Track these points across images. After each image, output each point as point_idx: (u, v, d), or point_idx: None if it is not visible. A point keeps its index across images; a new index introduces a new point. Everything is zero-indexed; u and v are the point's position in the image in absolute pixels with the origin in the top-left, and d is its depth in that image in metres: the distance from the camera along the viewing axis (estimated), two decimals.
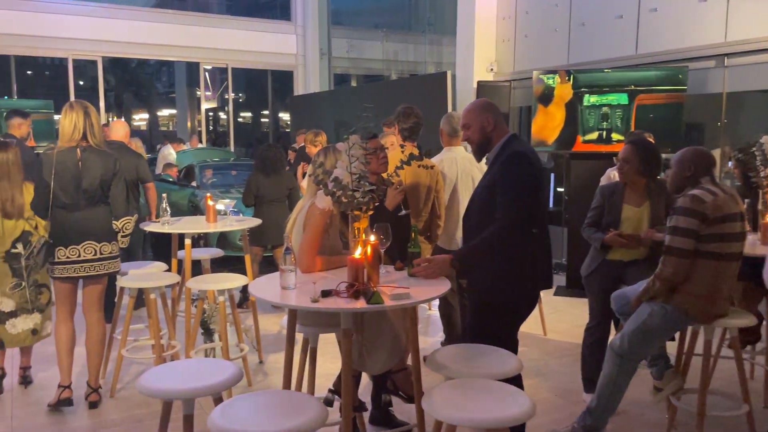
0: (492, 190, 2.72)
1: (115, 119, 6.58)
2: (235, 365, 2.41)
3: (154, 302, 3.89)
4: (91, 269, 3.59)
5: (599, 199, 3.72)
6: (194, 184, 8.67)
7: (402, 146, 3.02)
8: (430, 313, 5.65)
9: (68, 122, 3.52)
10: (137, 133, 20.18)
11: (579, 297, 5.86)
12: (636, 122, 6.04)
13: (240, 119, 15.44)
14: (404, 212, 2.79)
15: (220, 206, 4.45)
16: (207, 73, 14.06)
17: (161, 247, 5.77)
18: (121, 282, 3.89)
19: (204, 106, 14.67)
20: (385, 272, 2.76)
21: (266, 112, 17.97)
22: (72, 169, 3.49)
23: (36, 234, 3.74)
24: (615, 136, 6.14)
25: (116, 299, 4.19)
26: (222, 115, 17.08)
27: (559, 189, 8.17)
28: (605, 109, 6.19)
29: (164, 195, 4.36)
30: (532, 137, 6.48)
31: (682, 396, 3.35)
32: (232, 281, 3.92)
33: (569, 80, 6.29)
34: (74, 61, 12.05)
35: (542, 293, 4.13)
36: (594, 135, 6.26)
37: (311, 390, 2.97)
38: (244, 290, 5.41)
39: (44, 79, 17.20)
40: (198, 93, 15.08)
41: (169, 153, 11.20)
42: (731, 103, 6.25)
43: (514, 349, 2.85)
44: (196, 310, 4.02)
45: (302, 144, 9.79)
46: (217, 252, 4.77)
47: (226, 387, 2.30)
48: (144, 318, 4.86)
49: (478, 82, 8.09)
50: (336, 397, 3.00)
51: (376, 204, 2.57)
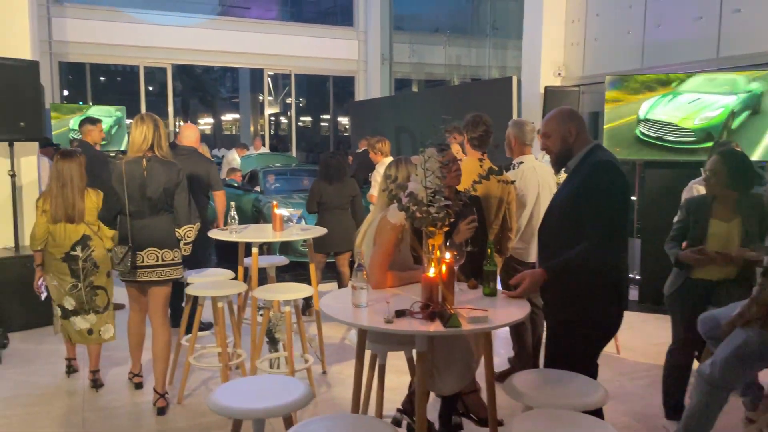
0: (575, 203, 2.57)
1: (186, 123, 6.67)
2: (306, 385, 2.35)
3: (222, 311, 3.90)
4: (153, 275, 3.69)
5: (683, 213, 3.50)
6: (258, 189, 8.78)
7: (481, 159, 2.90)
8: None
9: (138, 134, 3.65)
10: (203, 139, 20.76)
11: (653, 313, 5.58)
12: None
13: (300, 123, 15.64)
14: (470, 249, 2.66)
15: (284, 212, 4.44)
16: (269, 79, 14.27)
17: (225, 253, 5.82)
18: (190, 290, 3.92)
19: (267, 111, 14.90)
20: (458, 290, 2.64)
21: (326, 117, 18.13)
22: (138, 179, 3.63)
23: (95, 238, 3.93)
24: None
25: (183, 304, 4.24)
26: (283, 120, 17.34)
27: (632, 198, 7.85)
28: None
29: (232, 203, 4.37)
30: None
31: None
32: (298, 291, 3.89)
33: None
34: (144, 68, 12.45)
35: None
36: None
37: (380, 409, 2.89)
38: (307, 297, 5.39)
39: (116, 85, 17.92)
40: (261, 98, 15.34)
41: (234, 158, 11.41)
42: None
43: (594, 375, 2.68)
44: (262, 319, 4.01)
45: (363, 149, 9.82)
46: (282, 260, 4.77)
47: (297, 408, 2.25)
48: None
49: (546, 88, 7.85)
50: (404, 417, 2.92)
51: (452, 220, 2.47)
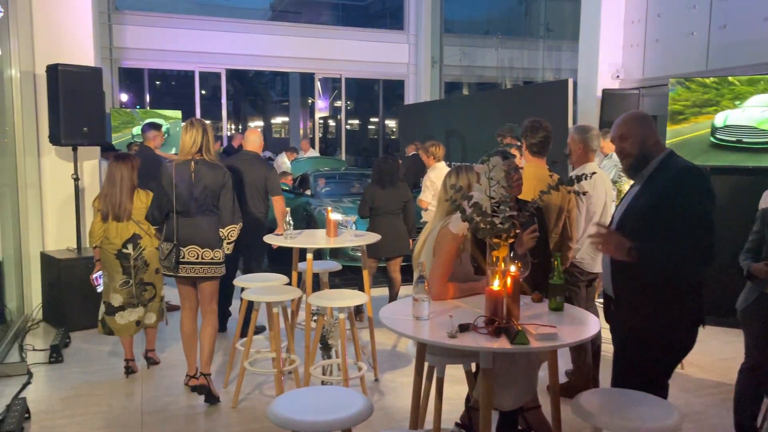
0: (659, 211, 2.43)
1: (250, 128, 6.77)
2: (365, 398, 2.30)
3: (277, 316, 3.91)
4: (192, 271, 3.86)
5: (760, 224, 3.31)
6: (308, 193, 8.83)
7: (550, 170, 2.79)
8: None
9: (188, 138, 3.84)
10: None
11: (719, 326, 5.32)
12: None
13: (347, 126, 15.71)
14: (533, 261, 2.56)
15: (339, 217, 4.43)
16: (319, 82, 14.38)
17: (278, 256, 5.85)
18: (246, 295, 3.94)
19: (318, 115, 15.02)
20: (523, 304, 2.55)
21: (374, 120, 18.15)
22: (186, 180, 3.83)
23: (146, 237, 4.23)
24: None
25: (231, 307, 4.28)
26: (331, 123, 17.45)
27: None
28: None
29: (288, 209, 4.39)
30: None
31: None
32: (352, 298, 3.86)
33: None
34: (199, 72, 12.73)
35: None
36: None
37: (437, 423, 2.82)
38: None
39: (171, 89, 18.40)
40: (311, 101, 15.47)
41: (284, 162, 11.53)
42: None
43: (665, 394, 2.55)
44: (316, 326, 4.00)
45: (412, 153, 9.75)
46: (336, 266, 4.75)
47: (358, 422, 2.20)
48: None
49: (603, 91, 7.63)
50: None
51: (517, 231, 2.38)
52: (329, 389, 2.44)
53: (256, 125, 23.51)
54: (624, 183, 4.88)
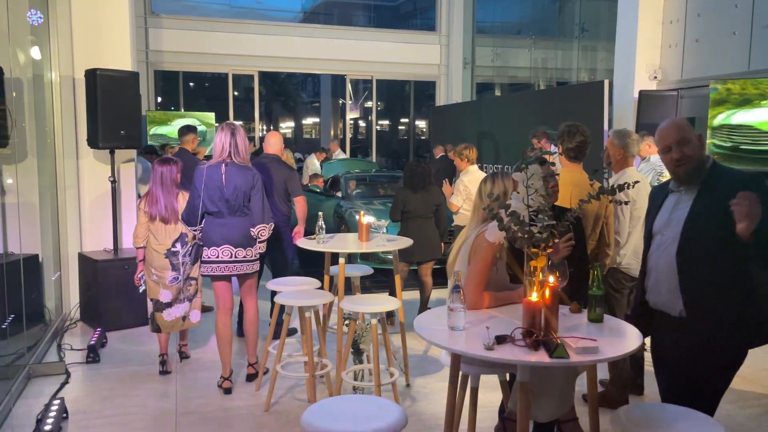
0: (727, 221, 2.26)
1: (271, 131, 6.83)
2: (401, 409, 2.27)
3: (309, 321, 3.91)
4: (226, 269, 4.03)
5: None
6: (339, 195, 8.85)
7: (591, 179, 2.72)
8: None
9: (218, 141, 4.03)
10: (285, 142, 21.27)
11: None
12: None
13: (378, 127, 15.72)
14: (570, 270, 2.49)
15: (371, 219, 4.41)
16: (350, 83, 14.41)
17: (309, 259, 5.86)
18: (279, 299, 3.95)
19: (348, 116, 15.05)
20: (561, 314, 2.49)
21: (404, 121, 18.10)
22: (217, 182, 3.97)
23: (191, 234, 4.33)
24: None
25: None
26: (361, 123, 17.47)
27: None
28: None
29: (320, 213, 4.39)
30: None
31: None
32: (385, 304, 3.83)
33: None
34: (232, 75, 12.87)
35: None
36: None
37: None
38: None
39: (205, 91, 18.63)
40: (342, 102, 15.51)
41: (313, 163, 11.59)
42: None
43: (711, 410, 2.44)
44: (348, 330, 3.99)
45: (440, 155, 9.70)
46: (367, 270, 4.73)
47: None
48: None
49: (640, 92, 7.47)
50: None
51: (556, 240, 2.33)
52: (363, 398, 2.42)
53: (288, 126, 23.69)
54: None
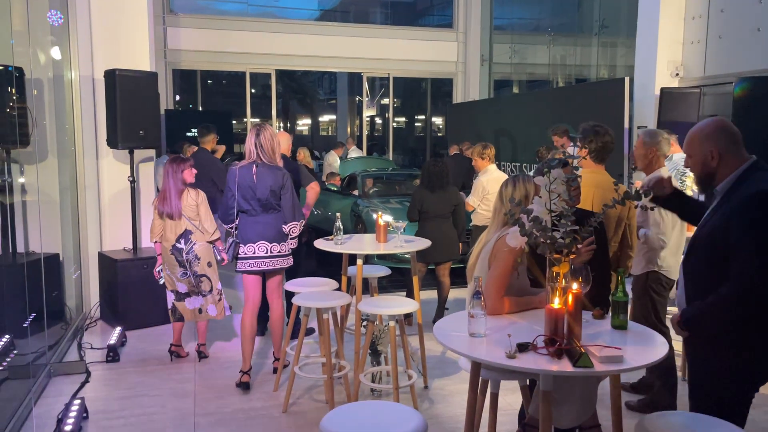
0: (723, 235, 2.26)
1: (280, 131, 6.85)
2: (421, 417, 2.25)
3: (327, 322, 3.89)
4: (263, 264, 4.17)
5: None
6: (356, 193, 8.83)
7: (616, 185, 2.67)
8: None
9: (248, 142, 4.18)
10: (300, 139, 21.33)
11: None
12: None
13: (394, 124, 15.70)
14: (592, 274, 2.44)
15: (388, 218, 4.39)
16: (366, 80, 14.38)
17: (326, 259, 5.85)
18: (297, 301, 3.94)
19: (365, 114, 15.02)
20: (584, 321, 2.44)
21: (421, 117, 18.05)
22: (249, 182, 4.11)
23: (197, 233, 4.48)
24: None
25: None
26: (378, 120, 17.43)
27: None
28: None
29: (338, 214, 4.37)
30: None
31: None
32: (402, 306, 3.81)
33: None
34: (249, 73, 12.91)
35: None
36: None
37: None
38: None
39: (222, 88, 18.74)
40: (359, 99, 15.48)
41: (334, 160, 11.59)
42: None
43: (742, 420, 2.37)
44: (366, 332, 3.97)
45: (454, 153, 9.64)
46: (385, 271, 4.71)
47: None
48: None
49: (662, 89, 7.36)
50: None
51: (579, 246, 2.28)
52: (382, 404, 2.40)
53: (304, 123, 23.74)
54: (686, 188, 4.65)
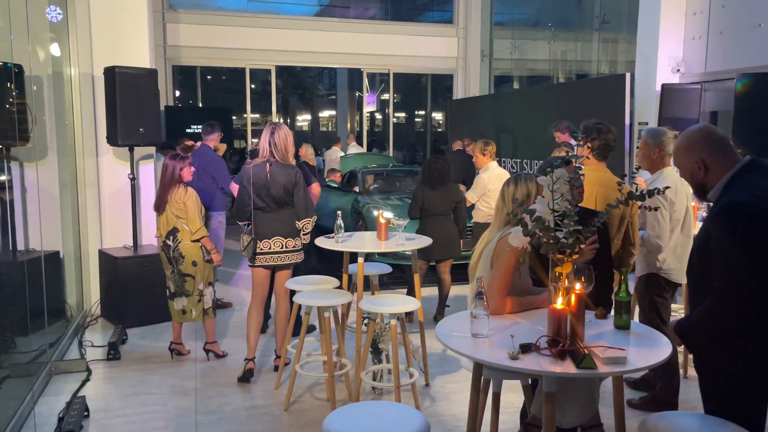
0: (708, 246, 2.23)
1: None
2: (422, 417, 2.24)
3: (328, 321, 3.89)
4: (278, 259, 4.31)
5: None
6: (356, 190, 8.82)
7: (620, 185, 2.65)
8: None
9: (263, 141, 4.30)
10: (301, 135, 21.29)
11: None
12: None
13: (394, 119, 15.68)
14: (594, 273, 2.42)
15: (389, 215, 4.39)
16: (367, 77, 14.34)
17: (327, 256, 5.84)
18: (298, 299, 3.94)
19: (365, 110, 14.98)
20: (586, 321, 2.43)
21: (421, 113, 18.02)
22: (263, 179, 4.22)
23: (183, 231, 4.49)
24: None
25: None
26: (378, 116, 17.41)
27: None
28: None
29: (339, 212, 4.36)
30: None
31: None
32: (404, 304, 3.81)
33: None
34: (249, 69, 12.86)
35: None
36: None
37: None
38: None
39: (222, 84, 18.71)
40: (358, 95, 15.45)
41: (336, 155, 11.56)
42: None
43: (761, 426, 2.30)
44: (367, 329, 3.97)
45: (457, 149, 9.62)
46: (386, 269, 4.70)
47: None
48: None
49: (663, 85, 7.33)
50: None
51: (582, 246, 2.27)
52: (384, 404, 2.40)
53: (304, 119, 23.72)
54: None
